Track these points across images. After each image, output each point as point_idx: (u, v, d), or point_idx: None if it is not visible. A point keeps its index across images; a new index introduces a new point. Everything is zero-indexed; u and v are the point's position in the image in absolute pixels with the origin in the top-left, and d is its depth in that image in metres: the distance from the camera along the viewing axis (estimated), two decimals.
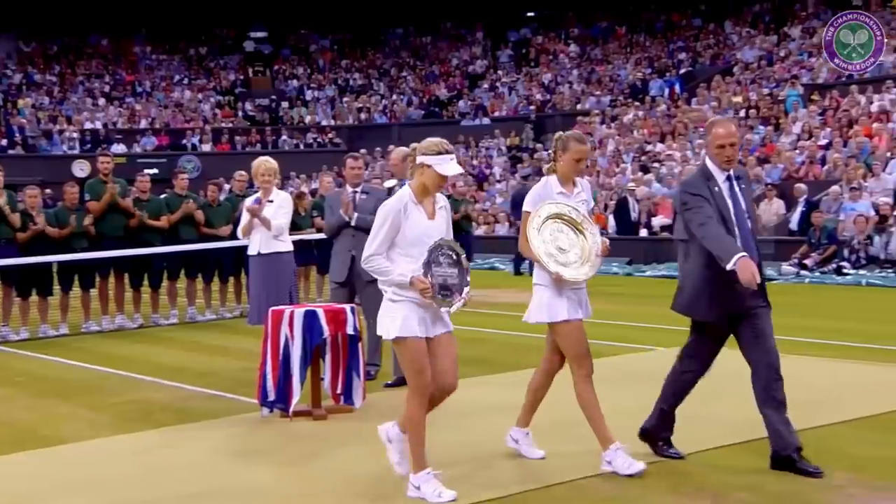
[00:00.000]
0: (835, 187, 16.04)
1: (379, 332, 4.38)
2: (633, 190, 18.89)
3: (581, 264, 4.65)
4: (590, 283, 4.74)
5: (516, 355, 8.13)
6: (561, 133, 4.90)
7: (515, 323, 10.48)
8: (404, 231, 4.24)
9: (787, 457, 4.42)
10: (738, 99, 22.84)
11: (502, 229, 20.81)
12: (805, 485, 4.31)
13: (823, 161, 17.78)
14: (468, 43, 34.72)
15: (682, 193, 4.59)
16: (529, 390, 4.99)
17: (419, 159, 4.32)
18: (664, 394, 4.88)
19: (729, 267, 4.23)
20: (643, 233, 18.01)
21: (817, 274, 14.16)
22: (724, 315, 4.54)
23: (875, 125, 17.78)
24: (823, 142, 18.61)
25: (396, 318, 4.27)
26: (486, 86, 31.73)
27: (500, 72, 32.51)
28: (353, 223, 7.19)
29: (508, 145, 27.01)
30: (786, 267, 14.57)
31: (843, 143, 17.96)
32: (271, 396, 6.08)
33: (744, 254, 4.24)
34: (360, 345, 6.25)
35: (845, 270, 13.65)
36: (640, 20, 32.05)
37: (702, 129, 21.91)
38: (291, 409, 6.03)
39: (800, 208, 15.87)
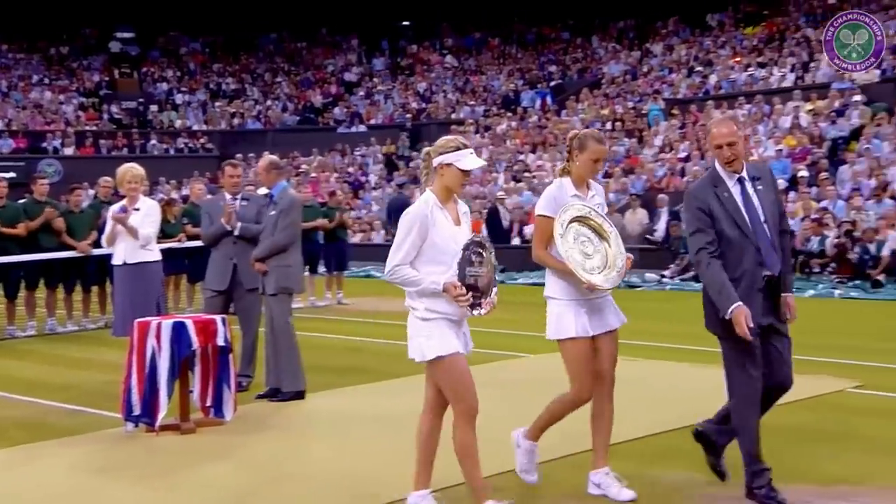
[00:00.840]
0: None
1: (412, 356, 3.98)
2: (504, 199, 19.25)
3: (608, 271, 4.27)
4: None
5: (394, 364, 8.12)
6: (577, 131, 4.51)
7: (392, 331, 10.53)
8: (432, 237, 3.91)
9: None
10: (605, 112, 23.66)
11: (378, 237, 20.79)
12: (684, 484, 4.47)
13: (683, 173, 18.64)
14: (343, 50, 34.57)
15: (688, 204, 4.22)
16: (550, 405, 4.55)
17: (437, 160, 4.01)
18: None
19: (725, 317, 3.96)
20: (516, 241, 18.38)
21: (677, 281, 14.79)
22: (755, 328, 4.06)
23: None
24: (683, 154, 19.52)
25: (433, 336, 3.90)
26: (361, 93, 31.67)
27: (375, 79, 32.52)
28: (236, 232, 7.06)
29: (384, 153, 27.04)
30: (649, 275, 15.15)
31: (701, 156, 18.90)
32: (136, 411, 5.87)
33: (738, 304, 3.95)
34: (231, 356, 6.11)
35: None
36: (513, 32, 32.75)
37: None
38: (158, 424, 5.84)
39: (664, 217, 16.56)
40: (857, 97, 18.40)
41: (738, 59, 23.71)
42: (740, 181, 4.19)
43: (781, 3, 26.09)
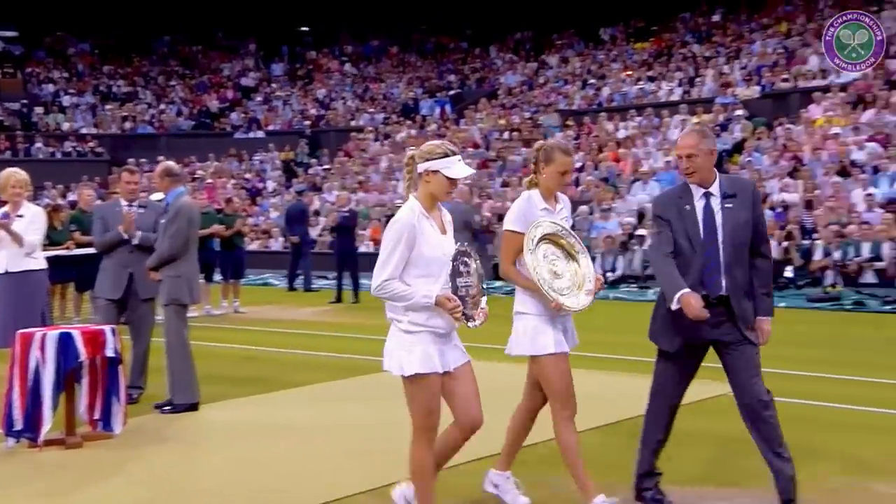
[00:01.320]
0: (583, 207, 17.25)
1: (388, 368, 3.79)
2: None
3: (577, 292, 4.11)
4: (363, 297, 4.62)
5: (292, 373, 8.02)
6: (544, 143, 4.31)
7: (290, 340, 10.41)
8: (420, 248, 3.71)
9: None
10: (503, 121, 24.00)
11: (276, 244, 20.49)
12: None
13: (577, 182, 19.08)
14: (240, 54, 33.97)
15: (652, 209, 4.27)
16: (509, 430, 4.42)
17: (422, 167, 3.79)
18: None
19: (673, 307, 3.96)
20: None
21: None
22: (682, 345, 4.13)
23: (621, 151, 19.39)
24: (577, 164, 19.98)
25: (414, 352, 3.71)
26: (259, 99, 31.18)
27: (273, 85, 32.08)
28: (135, 241, 6.84)
29: (283, 160, 26.68)
30: None
31: (595, 166, 19.39)
32: (18, 425, 5.60)
33: (685, 290, 3.93)
34: (120, 367, 5.91)
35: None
36: (412, 41, 32.88)
37: (470, 150, 22.84)
38: (41, 438, 5.59)
39: None
40: (739, 112, 19.23)
41: (629, 72, 24.44)
42: (706, 196, 4.10)
43: (669, 20, 27.06)
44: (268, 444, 5.63)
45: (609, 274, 14.85)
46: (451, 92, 28.22)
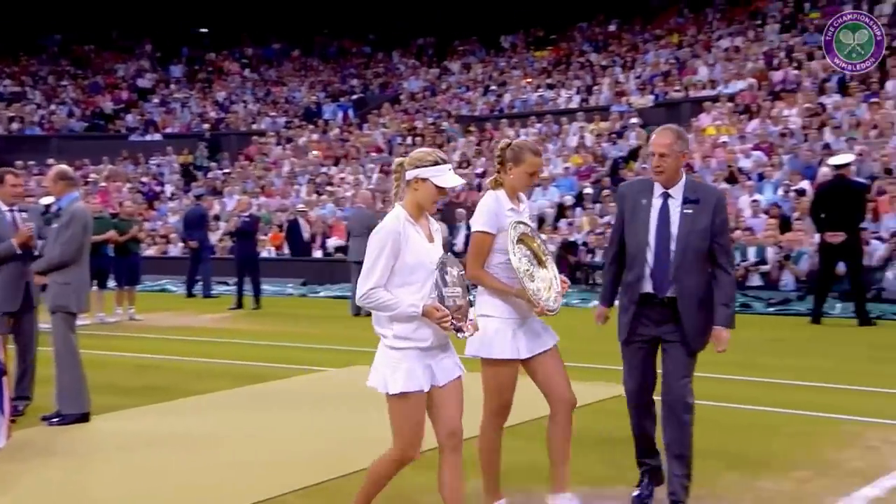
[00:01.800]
0: None
1: (372, 384, 3.68)
2: (305, 211, 19.09)
3: (550, 294, 4.04)
4: (264, 303, 4.53)
5: (189, 382, 7.82)
6: (511, 141, 4.21)
7: (188, 347, 10.16)
8: (404, 256, 3.59)
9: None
10: (406, 126, 24.04)
11: (174, 250, 19.96)
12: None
13: (480, 188, 19.26)
14: (136, 55, 32.97)
15: (615, 197, 4.27)
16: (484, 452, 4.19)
17: (412, 173, 3.67)
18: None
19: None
20: (317, 254, 18.24)
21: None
22: (629, 338, 4.20)
23: None
24: (479, 170, 20.18)
25: (399, 369, 3.61)
26: (156, 100, 30.33)
27: (171, 86, 31.26)
28: (36, 252, 6.51)
29: (181, 163, 26.01)
30: None
31: (497, 172, 19.60)
32: None
33: (600, 304, 4.34)
34: (4, 379, 5.64)
35: None
36: (314, 45, 32.59)
37: (373, 154, 22.80)
38: None
39: (463, 231, 17.01)
40: (634, 119, 19.79)
41: (529, 80, 24.86)
42: (665, 196, 4.11)
43: (567, 29, 27.66)
44: (162, 454, 5.47)
45: None
46: (354, 96, 28.10)
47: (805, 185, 14.50)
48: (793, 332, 10.22)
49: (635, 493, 4.34)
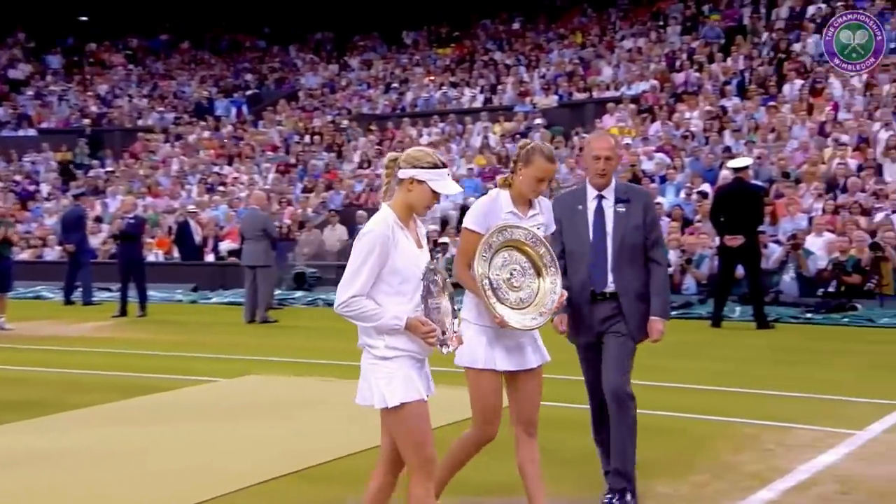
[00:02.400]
0: None
1: (364, 402, 3.52)
2: (196, 213, 18.71)
3: (531, 310, 3.87)
4: (150, 310, 4.42)
5: (67, 395, 7.56)
6: (528, 141, 4.13)
7: (66, 358, 9.82)
8: (394, 263, 3.43)
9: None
10: (303, 125, 23.84)
11: (52, 254, 19.24)
12: None
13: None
14: (8, 44, 31.61)
15: (553, 212, 4.32)
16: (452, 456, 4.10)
17: (408, 173, 3.50)
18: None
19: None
20: (209, 258, 17.91)
21: None
22: (579, 338, 4.48)
23: None
24: (381, 171, 20.15)
25: (395, 379, 3.43)
26: (30, 93, 29.16)
27: (48, 78, 30.11)
28: None
29: (59, 160, 25.08)
30: None
31: None
32: None
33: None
34: None
35: None
36: (205, 37, 31.95)
37: (269, 153, 22.52)
38: None
39: None
40: (539, 120, 20.18)
41: (431, 77, 25.01)
42: (600, 198, 4.43)
43: (470, 26, 27.95)
44: (45, 473, 5.29)
45: None
46: (248, 92, 27.69)
47: (706, 187, 15.09)
48: (693, 335, 10.61)
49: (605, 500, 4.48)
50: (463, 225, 4.05)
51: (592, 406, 4.64)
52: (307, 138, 22.85)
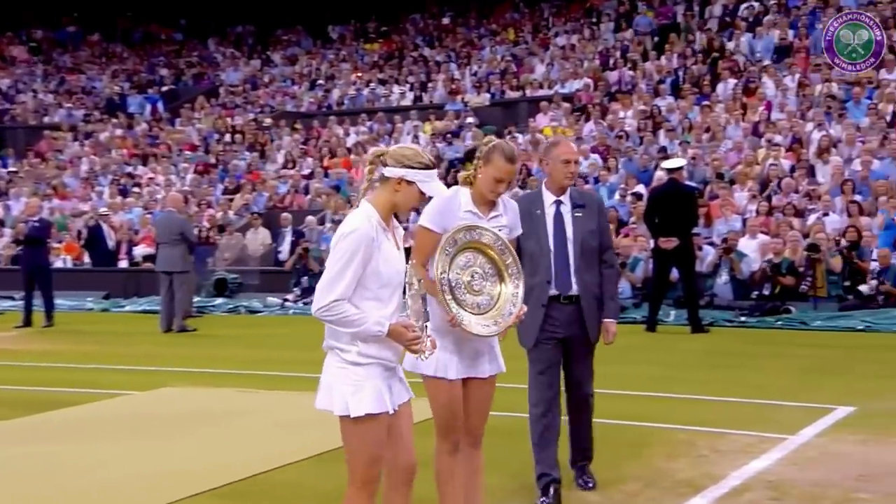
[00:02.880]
0: (309, 217, 17.37)
1: (325, 406, 3.44)
2: (108, 216, 18.34)
3: (488, 316, 3.81)
4: (58, 319, 4.31)
5: None
6: (492, 139, 4.14)
7: None
8: (376, 265, 3.38)
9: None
10: (223, 123, 23.55)
11: None
12: None
13: (307, 190, 19.16)
14: None
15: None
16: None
17: (396, 172, 3.44)
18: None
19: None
20: (123, 263, 17.57)
21: (301, 305, 15.13)
22: (538, 341, 4.68)
23: (353, 157, 19.75)
24: (306, 171, 20.07)
25: (363, 388, 3.37)
26: None
27: None
28: None
29: None
30: (271, 299, 15.33)
31: (325, 172, 19.59)
32: None
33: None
34: None
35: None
36: (116, 28, 31.32)
37: (187, 153, 22.18)
38: None
39: (288, 238, 16.85)
40: (470, 119, 20.31)
41: (359, 74, 24.96)
42: (557, 203, 4.77)
43: (399, 21, 27.97)
44: None
45: None
46: (164, 88, 27.27)
47: (641, 188, 15.38)
48: (627, 339, 10.75)
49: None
50: (419, 223, 4.03)
51: (539, 412, 4.76)
52: (228, 137, 22.58)
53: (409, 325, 3.42)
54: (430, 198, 3.69)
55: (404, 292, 3.49)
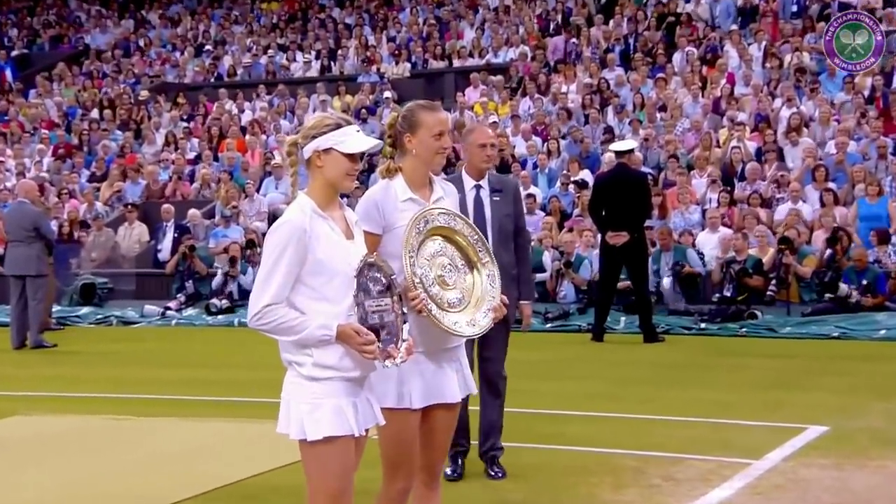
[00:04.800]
0: (194, 210, 17.15)
1: (284, 431, 3.44)
2: None
3: (470, 312, 3.80)
4: None
5: None
6: (400, 109, 4.01)
7: None
8: (315, 260, 3.45)
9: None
10: (90, 95, 23.13)
11: None
12: None
13: (193, 177, 18.91)
14: None
15: None
16: None
17: (309, 148, 3.54)
18: None
19: None
20: None
21: (185, 314, 14.91)
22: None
23: (248, 137, 19.53)
24: (192, 154, 19.81)
25: (321, 407, 3.41)
26: None
27: None
28: None
29: None
30: (149, 307, 15.08)
31: (215, 156, 19.36)
32: None
33: None
34: None
35: (215, 309, 14.59)
36: None
37: (45, 131, 21.70)
38: None
39: (170, 234, 16.58)
40: (388, 93, 20.27)
41: (255, 39, 24.74)
42: (477, 188, 5.70)
43: None
44: None
45: (217, 300, 14.73)
46: (14, 53, 26.73)
47: (586, 175, 15.57)
48: (571, 350, 10.94)
49: (447, 470, 5.59)
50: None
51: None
52: (95, 113, 22.19)
53: (359, 327, 3.44)
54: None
55: (368, 293, 3.48)
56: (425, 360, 3.80)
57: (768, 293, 12.69)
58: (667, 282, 13.09)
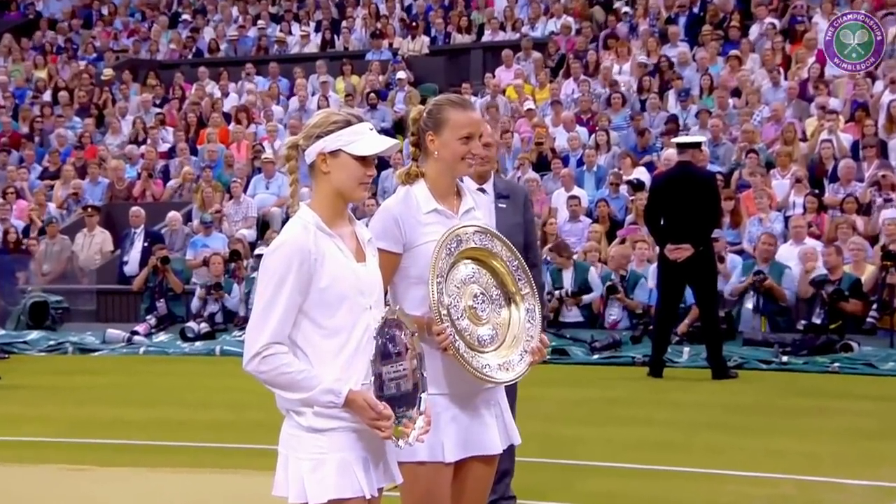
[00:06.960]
0: (171, 214, 17.20)
1: (281, 493, 3.47)
2: None
3: (504, 352, 3.86)
4: None
5: None
6: (420, 107, 4.11)
7: None
8: (320, 289, 3.45)
9: None
10: (42, 73, 23.27)
11: None
12: None
13: (167, 174, 18.97)
14: None
15: None
16: None
17: (313, 150, 3.55)
18: None
19: None
20: None
21: (156, 340, 14.94)
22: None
23: (233, 127, 19.57)
24: (165, 147, 19.88)
25: (326, 463, 3.43)
26: None
27: None
28: None
29: None
30: (112, 331, 15.07)
31: (192, 149, 19.41)
32: None
33: None
34: None
35: (191, 334, 14.59)
36: None
37: None
38: None
39: (139, 242, 16.57)
40: (402, 74, 20.23)
41: (243, 6, 24.83)
42: (481, 192, 5.55)
43: None
44: None
45: (195, 323, 14.76)
46: None
47: (642, 174, 15.52)
48: (622, 389, 10.89)
49: None
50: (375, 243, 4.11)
51: None
52: (48, 95, 22.33)
53: (374, 401, 3.42)
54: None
55: (387, 356, 3.48)
56: (460, 404, 3.85)
57: (868, 320, 12.58)
58: (748, 306, 12.90)
